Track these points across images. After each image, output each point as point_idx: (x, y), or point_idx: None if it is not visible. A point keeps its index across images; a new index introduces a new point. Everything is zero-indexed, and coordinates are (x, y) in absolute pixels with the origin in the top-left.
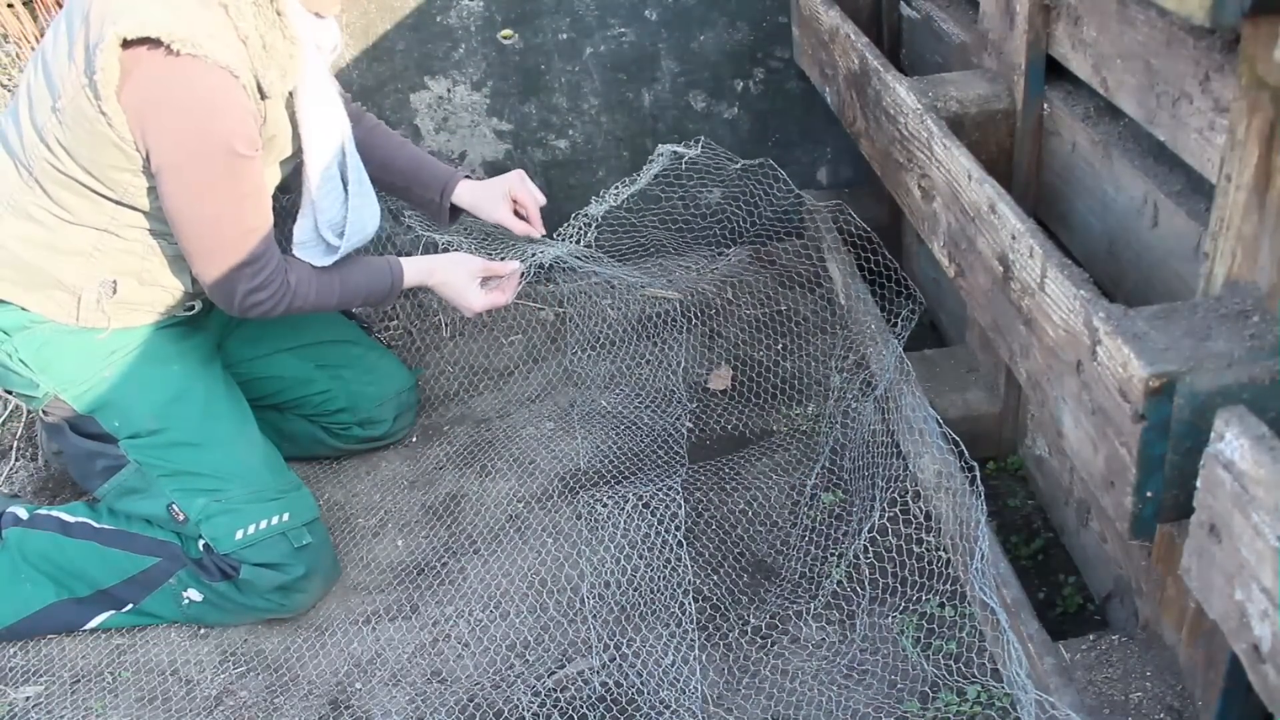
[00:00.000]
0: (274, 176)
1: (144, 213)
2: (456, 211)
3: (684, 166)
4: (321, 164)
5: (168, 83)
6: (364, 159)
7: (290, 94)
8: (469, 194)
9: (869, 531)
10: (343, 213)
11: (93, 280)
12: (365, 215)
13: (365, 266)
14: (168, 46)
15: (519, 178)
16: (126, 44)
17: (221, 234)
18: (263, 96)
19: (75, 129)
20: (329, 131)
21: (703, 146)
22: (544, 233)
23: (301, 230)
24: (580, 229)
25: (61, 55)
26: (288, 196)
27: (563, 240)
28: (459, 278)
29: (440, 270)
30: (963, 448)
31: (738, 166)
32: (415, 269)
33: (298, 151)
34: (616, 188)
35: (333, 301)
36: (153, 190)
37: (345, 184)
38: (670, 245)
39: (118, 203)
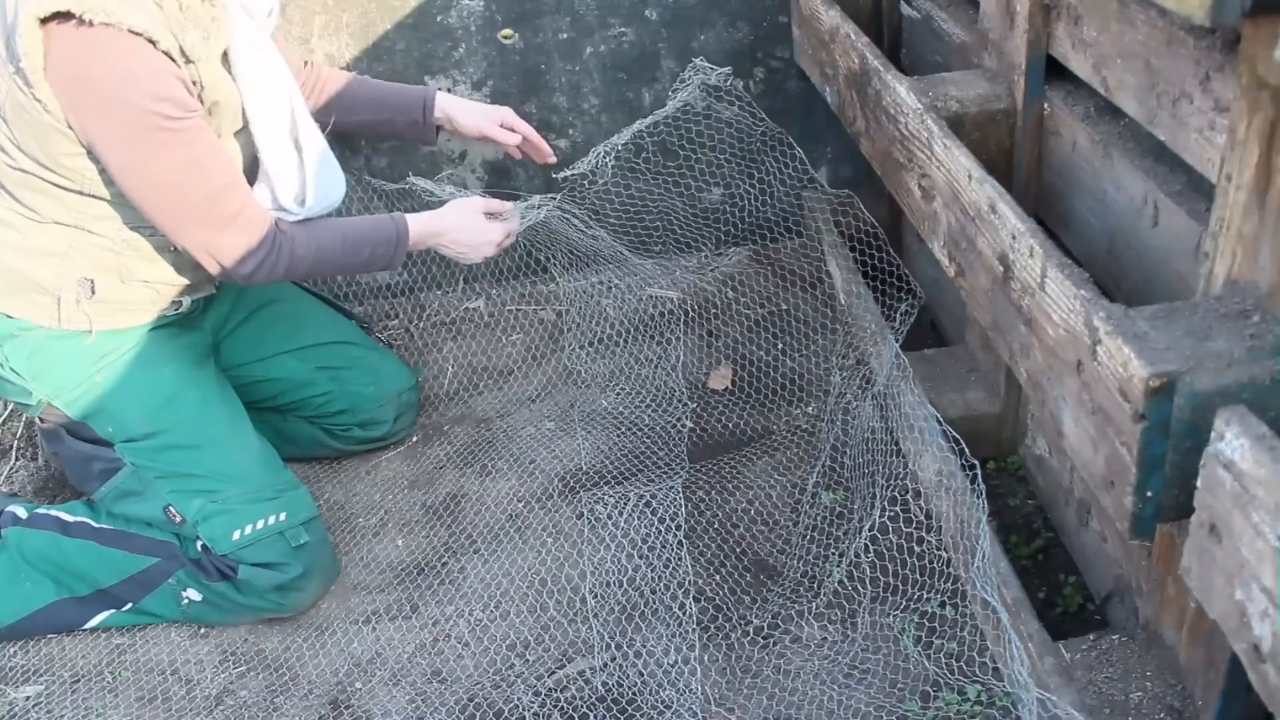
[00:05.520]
0: (234, 150)
1: (109, 202)
2: (438, 129)
3: (690, 161)
4: (265, 127)
5: (83, 54)
6: (336, 107)
7: (228, 59)
8: (452, 105)
9: (870, 531)
10: (299, 178)
11: (70, 280)
12: (327, 181)
13: (366, 220)
14: (79, 18)
15: (510, 111)
16: (43, 22)
17: (186, 201)
18: (188, 60)
19: (17, 122)
20: (268, 93)
21: (730, 86)
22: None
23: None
24: (601, 157)
25: None
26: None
27: (585, 164)
28: (467, 216)
29: (447, 214)
30: (964, 446)
31: (761, 129)
32: (420, 219)
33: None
34: (640, 122)
35: (337, 251)
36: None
37: (299, 149)
38: (670, 238)
39: (80, 193)
